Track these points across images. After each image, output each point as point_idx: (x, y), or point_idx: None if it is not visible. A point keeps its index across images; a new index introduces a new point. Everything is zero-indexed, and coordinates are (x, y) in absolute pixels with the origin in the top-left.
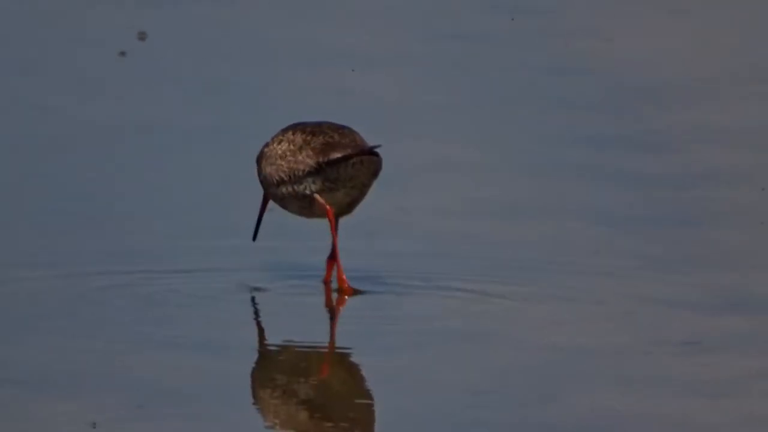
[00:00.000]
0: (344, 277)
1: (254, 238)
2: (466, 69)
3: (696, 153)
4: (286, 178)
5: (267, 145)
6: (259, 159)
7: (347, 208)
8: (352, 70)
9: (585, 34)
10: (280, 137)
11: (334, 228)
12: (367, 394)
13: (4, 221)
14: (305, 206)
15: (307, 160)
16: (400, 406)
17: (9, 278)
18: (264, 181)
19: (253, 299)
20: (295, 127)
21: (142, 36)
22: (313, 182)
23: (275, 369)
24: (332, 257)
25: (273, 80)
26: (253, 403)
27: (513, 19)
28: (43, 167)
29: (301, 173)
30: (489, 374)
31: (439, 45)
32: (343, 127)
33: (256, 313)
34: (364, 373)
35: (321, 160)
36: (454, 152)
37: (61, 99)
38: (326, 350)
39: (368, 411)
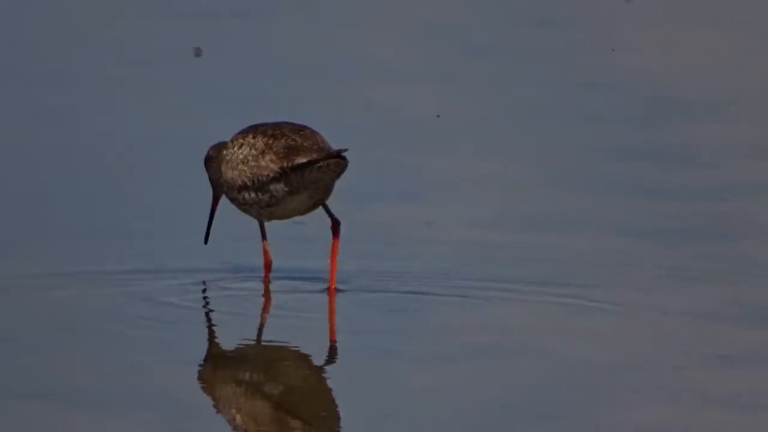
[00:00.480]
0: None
1: (206, 240)
2: (496, 83)
3: (726, 166)
4: (249, 183)
5: (218, 148)
6: (208, 161)
7: (312, 208)
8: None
9: (617, 47)
10: (240, 140)
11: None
12: (387, 407)
13: (32, 232)
14: (265, 213)
15: (270, 165)
16: (422, 419)
17: (35, 290)
18: (225, 185)
19: (269, 313)
20: (256, 130)
21: (198, 52)
22: (277, 187)
23: (300, 382)
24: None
25: (313, 95)
26: (268, 413)
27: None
28: (73, 179)
29: (264, 178)
30: (516, 387)
31: (468, 59)
32: (303, 128)
33: (274, 325)
34: (384, 385)
35: (285, 165)
36: (483, 166)
37: (89, 110)
38: (347, 362)
39: (387, 423)
